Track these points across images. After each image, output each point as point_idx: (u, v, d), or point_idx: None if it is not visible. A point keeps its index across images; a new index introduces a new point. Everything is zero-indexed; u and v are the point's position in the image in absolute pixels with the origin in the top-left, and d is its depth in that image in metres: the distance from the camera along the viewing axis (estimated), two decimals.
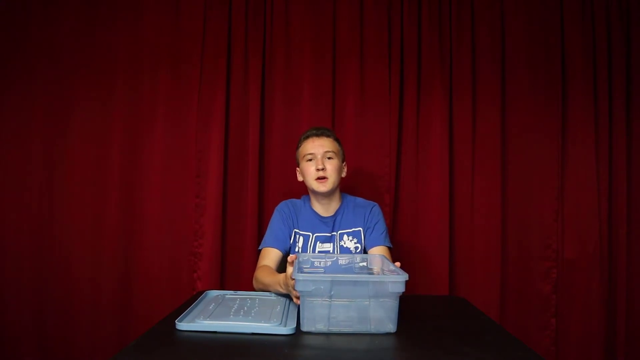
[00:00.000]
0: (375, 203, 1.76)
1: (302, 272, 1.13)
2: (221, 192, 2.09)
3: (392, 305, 1.10)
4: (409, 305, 1.39)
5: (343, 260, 1.40)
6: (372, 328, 1.10)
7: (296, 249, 1.67)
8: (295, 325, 1.10)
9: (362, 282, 1.09)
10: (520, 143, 2.18)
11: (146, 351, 0.98)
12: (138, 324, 2.07)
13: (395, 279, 1.08)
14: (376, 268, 1.36)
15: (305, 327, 1.10)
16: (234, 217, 2.12)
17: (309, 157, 1.65)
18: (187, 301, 1.36)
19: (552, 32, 2.17)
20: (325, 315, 1.09)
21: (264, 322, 1.11)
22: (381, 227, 1.69)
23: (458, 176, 2.17)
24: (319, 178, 1.62)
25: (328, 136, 1.68)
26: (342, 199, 1.75)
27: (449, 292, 2.12)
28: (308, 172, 1.65)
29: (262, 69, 2.14)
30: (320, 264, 1.38)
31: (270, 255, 1.62)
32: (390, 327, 1.10)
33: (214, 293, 1.42)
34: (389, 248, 1.68)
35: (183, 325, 1.09)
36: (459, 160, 2.17)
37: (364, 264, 1.39)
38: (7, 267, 2.07)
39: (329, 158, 1.64)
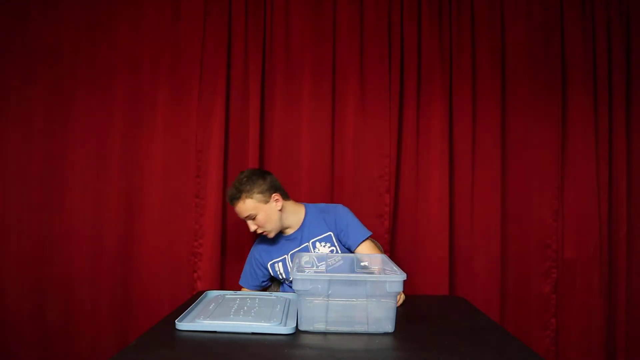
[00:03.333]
0: (339, 204, 1.78)
1: (301, 272, 1.13)
2: (221, 192, 2.09)
3: (391, 304, 1.10)
4: (408, 305, 1.39)
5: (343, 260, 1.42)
6: (371, 328, 1.10)
7: (279, 275, 1.72)
8: (295, 325, 1.10)
9: (360, 282, 1.09)
10: (520, 143, 2.18)
11: (146, 351, 0.98)
12: (138, 324, 2.07)
13: (392, 278, 1.08)
14: (376, 268, 1.36)
15: (303, 327, 1.10)
16: (234, 217, 2.11)
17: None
18: (187, 301, 1.37)
19: (552, 32, 2.17)
20: (324, 314, 1.09)
21: (264, 322, 1.11)
22: (354, 223, 1.70)
23: (458, 176, 2.17)
24: (259, 233, 1.68)
25: (237, 200, 1.63)
26: (305, 211, 1.75)
27: (449, 292, 2.12)
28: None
29: (262, 69, 2.14)
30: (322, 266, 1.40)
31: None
32: (389, 326, 1.10)
33: (214, 293, 1.43)
34: (370, 236, 1.71)
35: (183, 325, 1.10)
36: (459, 160, 2.17)
37: (365, 263, 1.40)
38: (8, 267, 2.07)
39: (252, 218, 1.64)
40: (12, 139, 2.10)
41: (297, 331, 1.09)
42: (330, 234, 1.69)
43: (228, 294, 1.42)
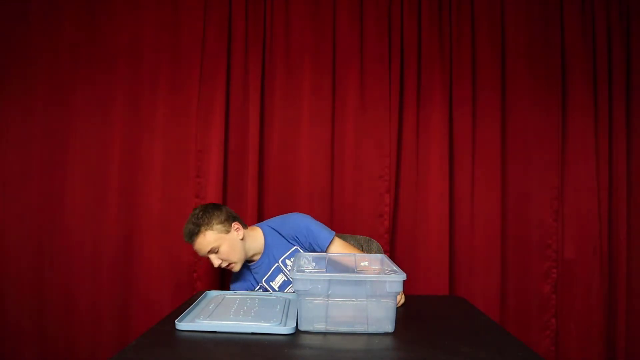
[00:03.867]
0: (290, 213, 1.71)
1: (301, 272, 1.13)
2: (221, 192, 2.09)
3: (391, 304, 1.10)
4: (408, 305, 1.39)
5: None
6: (371, 328, 1.10)
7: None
8: (295, 325, 1.10)
9: (360, 282, 1.09)
10: (520, 143, 2.18)
11: (146, 351, 0.98)
12: (138, 324, 2.07)
13: (392, 278, 1.08)
14: (376, 268, 1.36)
15: (303, 327, 1.10)
16: None
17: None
18: (187, 301, 1.37)
19: (552, 32, 2.17)
20: (323, 314, 1.09)
21: (264, 322, 1.11)
22: (314, 228, 1.61)
23: (458, 176, 2.17)
24: (225, 268, 1.60)
25: (197, 233, 1.55)
26: (263, 232, 1.68)
27: (449, 292, 2.12)
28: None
29: (262, 68, 2.14)
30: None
31: None
32: (389, 327, 1.10)
33: (214, 293, 1.43)
34: (334, 234, 1.63)
35: (183, 325, 1.10)
36: (459, 160, 2.17)
37: (365, 263, 1.39)
38: (8, 267, 2.07)
39: (215, 252, 1.56)
40: (11, 138, 2.10)
41: (297, 331, 1.09)
42: (296, 248, 1.63)
43: (228, 294, 1.42)
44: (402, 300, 1.40)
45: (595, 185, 2.15)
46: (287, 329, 1.08)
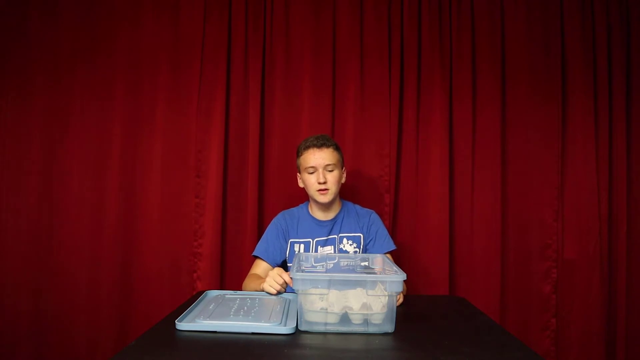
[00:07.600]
0: (372, 210, 1.84)
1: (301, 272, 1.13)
2: (221, 192, 2.09)
3: (391, 305, 1.10)
4: (408, 305, 1.39)
5: (344, 262, 1.42)
6: (371, 328, 1.10)
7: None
8: (295, 325, 1.10)
9: (360, 282, 1.09)
10: (520, 143, 2.18)
11: (146, 351, 0.98)
12: (138, 324, 2.07)
13: (392, 278, 1.08)
14: (377, 268, 1.36)
15: (303, 327, 1.10)
16: (234, 217, 2.13)
17: (310, 170, 1.69)
18: (187, 301, 1.37)
19: (552, 32, 2.17)
20: (323, 314, 1.09)
21: (264, 322, 1.11)
22: (382, 233, 1.76)
23: (458, 176, 2.17)
24: (320, 190, 1.68)
25: (328, 147, 1.69)
26: (342, 204, 1.81)
27: (449, 292, 2.12)
28: (309, 183, 1.70)
29: (262, 69, 2.14)
30: (322, 267, 1.40)
31: (260, 267, 1.71)
32: (389, 327, 1.10)
33: (214, 293, 1.43)
34: (393, 249, 1.77)
35: (183, 325, 1.10)
36: (459, 160, 2.17)
37: (366, 263, 1.40)
38: (6, 267, 2.06)
39: (330, 170, 1.68)
40: (11, 139, 2.09)
41: (297, 331, 1.09)
42: (360, 236, 1.74)
43: (228, 294, 1.42)
44: (401, 300, 1.40)
45: (595, 185, 2.15)
46: (287, 329, 1.08)
